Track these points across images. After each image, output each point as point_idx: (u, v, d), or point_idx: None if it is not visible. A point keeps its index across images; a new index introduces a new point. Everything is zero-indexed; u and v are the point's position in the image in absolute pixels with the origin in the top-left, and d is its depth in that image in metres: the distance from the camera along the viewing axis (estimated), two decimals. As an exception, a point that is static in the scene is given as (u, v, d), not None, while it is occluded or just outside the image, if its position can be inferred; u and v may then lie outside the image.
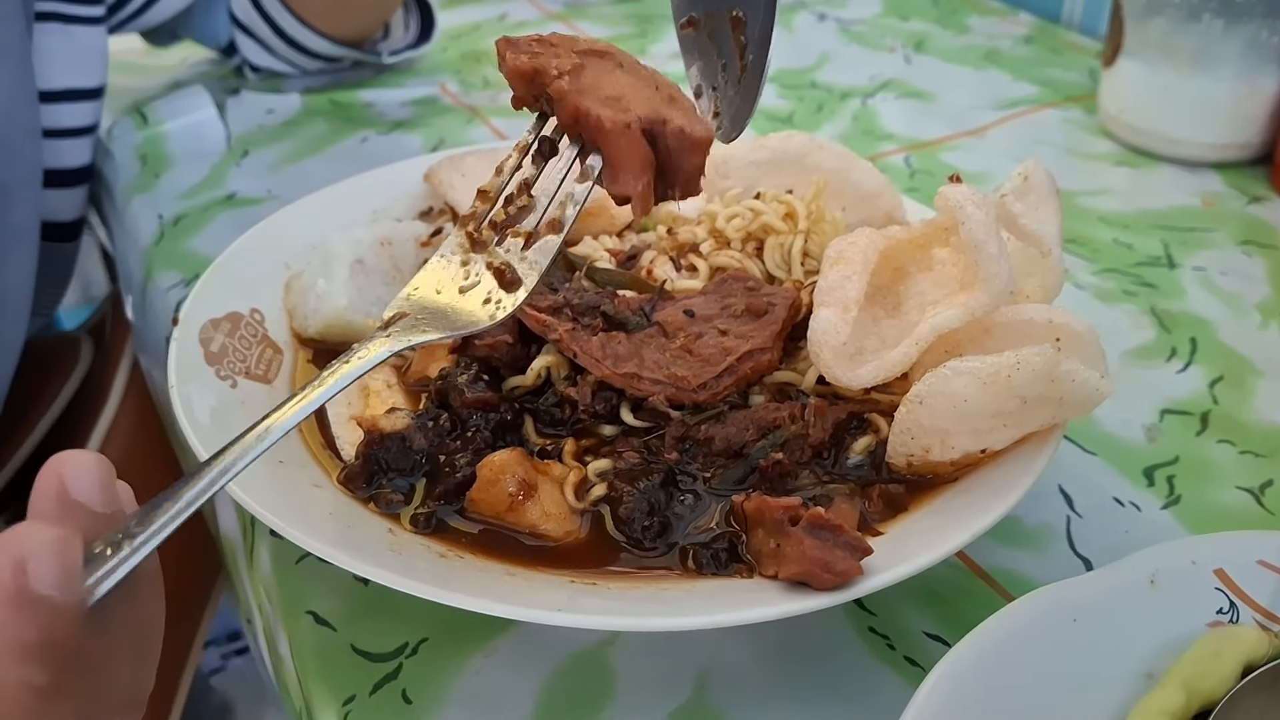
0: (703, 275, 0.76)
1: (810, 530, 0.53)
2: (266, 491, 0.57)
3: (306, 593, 0.63)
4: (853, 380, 0.62)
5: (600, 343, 0.66)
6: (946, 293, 0.65)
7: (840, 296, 0.64)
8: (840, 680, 0.58)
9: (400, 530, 0.59)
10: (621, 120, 0.56)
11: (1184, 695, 0.48)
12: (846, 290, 0.64)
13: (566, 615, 0.50)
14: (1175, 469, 0.72)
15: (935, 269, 0.67)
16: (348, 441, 0.65)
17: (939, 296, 0.65)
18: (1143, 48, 1.07)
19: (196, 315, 0.70)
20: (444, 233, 0.79)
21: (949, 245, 0.67)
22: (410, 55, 1.28)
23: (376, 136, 1.15)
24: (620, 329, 0.68)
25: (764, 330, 0.68)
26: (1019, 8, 1.49)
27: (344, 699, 0.57)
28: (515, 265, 0.57)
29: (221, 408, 0.65)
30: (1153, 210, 1.02)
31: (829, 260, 0.66)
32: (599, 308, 0.69)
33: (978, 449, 0.60)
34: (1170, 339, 0.85)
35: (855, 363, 0.63)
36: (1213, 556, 0.54)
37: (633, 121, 0.57)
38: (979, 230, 0.61)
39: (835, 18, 1.47)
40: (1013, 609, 0.51)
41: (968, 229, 0.61)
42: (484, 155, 0.88)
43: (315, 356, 0.73)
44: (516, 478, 0.60)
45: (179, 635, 1.11)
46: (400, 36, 1.29)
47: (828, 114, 1.21)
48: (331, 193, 0.85)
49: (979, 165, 1.09)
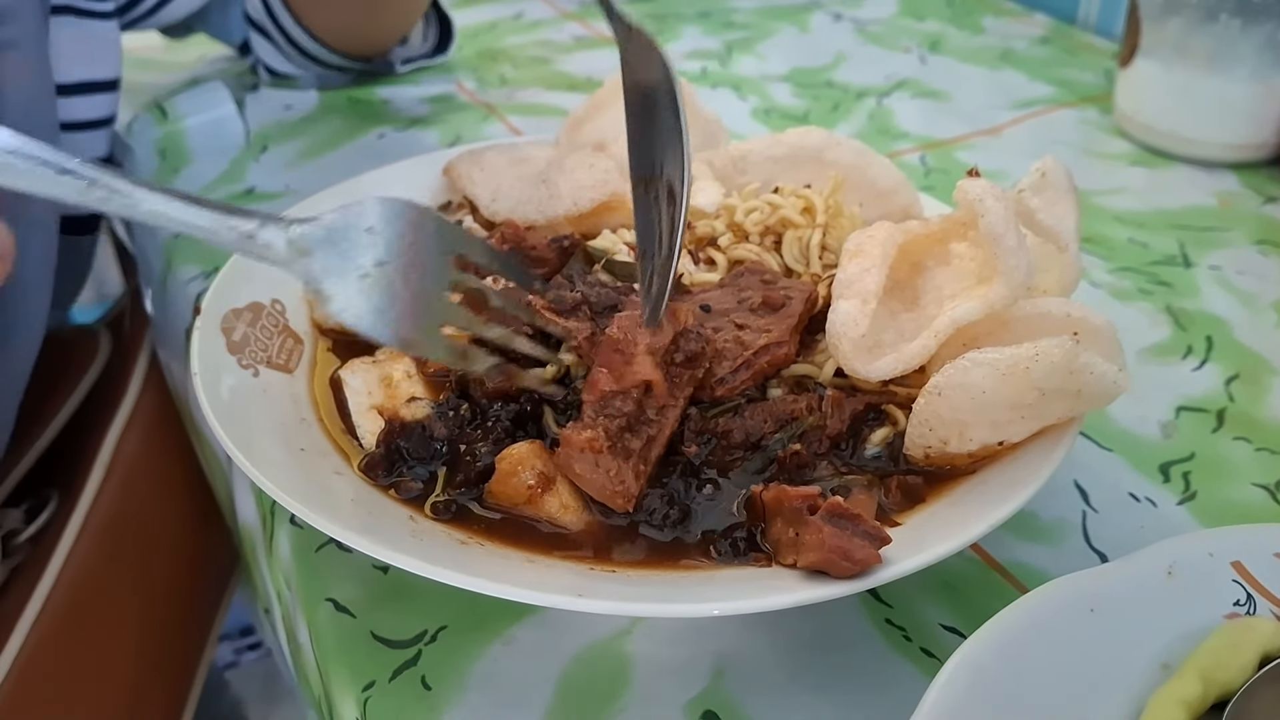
0: (721, 269, 0.76)
1: (829, 519, 0.53)
2: (289, 478, 0.58)
3: (326, 580, 0.64)
4: (871, 372, 0.62)
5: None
6: (964, 286, 0.65)
7: (859, 289, 0.64)
8: (857, 670, 0.59)
9: (421, 518, 0.60)
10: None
11: (1201, 685, 0.48)
12: (865, 283, 0.64)
13: (587, 601, 0.51)
14: (1191, 465, 0.73)
15: (953, 263, 0.67)
16: (368, 430, 0.66)
17: (956, 290, 0.66)
18: (1159, 47, 1.08)
19: (219, 305, 0.70)
20: (463, 225, 0.79)
21: (966, 240, 0.67)
22: (425, 64, 1.29)
23: (393, 133, 1.15)
24: None
25: (781, 324, 0.68)
26: (1034, 9, 1.49)
27: (363, 685, 0.58)
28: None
29: (244, 395, 0.65)
30: (1168, 210, 1.02)
31: (848, 253, 0.66)
32: (616, 306, 0.69)
33: (995, 441, 0.60)
34: (1186, 337, 0.85)
35: (873, 355, 0.63)
36: (1230, 549, 0.54)
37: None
38: (998, 223, 0.62)
39: (851, 18, 1.48)
40: (1030, 599, 0.51)
41: (987, 222, 0.62)
42: (502, 150, 0.88)
43: (335, 346, 0.74)
44: (535, 470, 0.61)
45: (195, 629, 1.12)
46: (418, 45, 1.30)
47: (843, 113, 1.21)
48: (350, 186, 0.85)
49: (995, 164, 1.09)
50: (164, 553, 1.07)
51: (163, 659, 1.05)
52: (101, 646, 0.97)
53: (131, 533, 1.02)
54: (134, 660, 1.00)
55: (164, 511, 1.07)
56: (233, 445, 0.58)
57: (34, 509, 1.00)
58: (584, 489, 0.60)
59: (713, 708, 0.57)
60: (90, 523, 0.98)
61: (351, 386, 0.68)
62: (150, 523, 1.05)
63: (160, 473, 1.06)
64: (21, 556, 0.96)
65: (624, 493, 0.58)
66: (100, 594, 0.97)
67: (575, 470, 0.59)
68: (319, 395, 0.69)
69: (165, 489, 1.07)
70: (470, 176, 0.85)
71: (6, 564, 0.95)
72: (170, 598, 1.07)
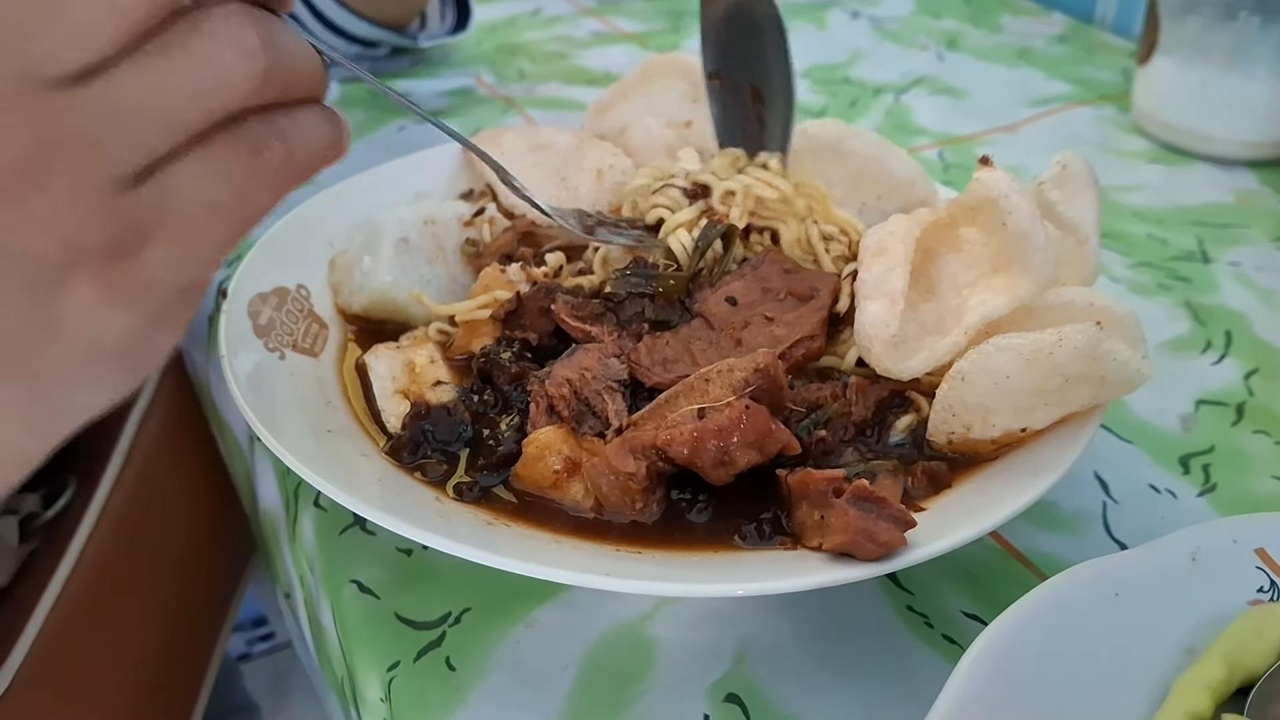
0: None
1: (854, 502, 0.53)
2: (317, 459, 0.58)
3: (350, 562, 0.64)
4: (904, 371, 0.62)
5: (647, 347, 0.66)
6: (980, 274, 0.65)
7: (886, 289, 0.64)
8: (879, 656, 0.59)
9: (445, 499, 0.60)
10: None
11: (1225, 669, 0.49)
12: (891, 282, 0.64)
13: (615, 580, 0.51)
14: (1211, 458, 0.73)
15: (964, 249, 0.67)
16: (393, 414, 0.66)
17: (972, 278, 0.66)
18: (1178, 45, 1.08)
19: (245, 289, 0.71)
20: (486, 213, 0.80)
21: (975, 225, 0.67)
22: (447, 41, 1.29)
23: (413, 125, 1.16)
24: (664, 328, 0.68)
25: (811, 316, 0.68)
26: (1052, 7, 1.49)
27: (388, 665, 0.58)
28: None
29: (270, 378, 0.66)
30: (1187, 206, 1.02)
31: (869, 252, 0.66)
32: (642, 312, 0.69)
33: (1018, 427, 0.60)
34: (1205, 332, 0.85)
35: (902, 353, 0.63)
36: (1254, 536, 0.54)
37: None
38: (1025, 220, 0.62)
39: (869, 15, 1.48)
40: (1054, 583, 0.51)
41: (1015, 219, 0.62)
42: (522, 133, 0.88)
43: (359, 335, 0.74)
44: (561, 455, 0.61)
45: (210, 618, 1.12)
46: (437, 26, 1.30)
47: (861, 109, 1.21)
48: (373, 175, 0.86)
49: (1013, 160, 1.09)
50: (181, 540, 1.08)
51: (178, 647, 1.05)
52: (118, 633, 0.98)
53: (149, 520, 1.02)
54: (149, 648, 1.01)
55: (181, 499, 1.08)
56: (261, 426, 0.59)
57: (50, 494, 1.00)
58: (599, 498, 0.60)
59: (735, 690, 0.57)
60: (109, 510, 0.98)
61: (376, 371, 0.69)
62: (168, 510, 1.05)
63: (179, 461, 1.07)
64: (39, 541, 0.96)
65: (640, 513, 0.59)
66: (118, 580, 0.97)
67: (600, 488, 0.59)
68: (345, 379, 0.70)
69: (183, 477, 1.08)
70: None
71: (24, 548, 0.95)
72: (186, 586, 1.07)
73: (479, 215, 0.80)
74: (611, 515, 0.60)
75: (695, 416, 0.58)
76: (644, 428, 0.60)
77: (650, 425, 0.60)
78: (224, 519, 1.09)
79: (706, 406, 0.58)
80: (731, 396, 0.58)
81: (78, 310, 0.40)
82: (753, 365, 0.60)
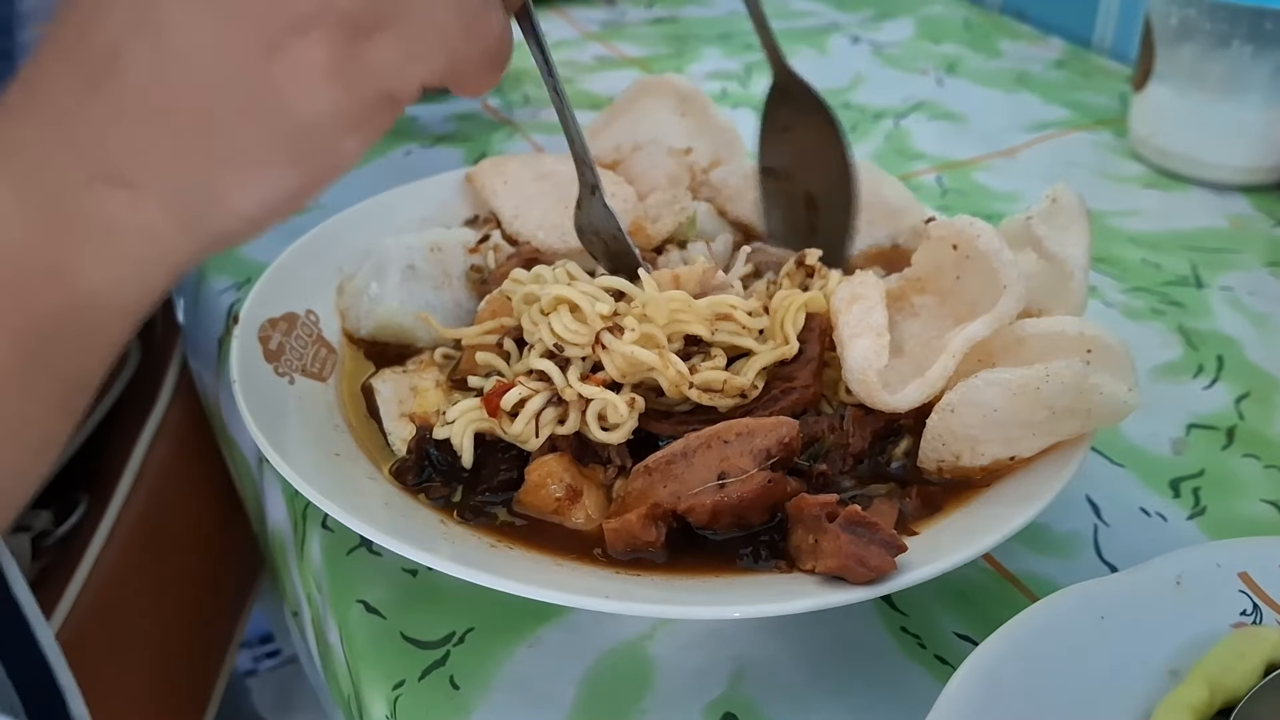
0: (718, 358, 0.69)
1: (847, 527, 0.55)
2: (325, 482, 0.59)
3: (357, 582, 0.66)
4: (898, 403, 0.63)
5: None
6: (945, 327, 0.67)
7: (870, 324, 0.66)
8: (872, 676, 0.60)
9: (450, 522, 0.62)
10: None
11: (1208, 691, 0.50)
12: (874, 318, 0.67)
13: (615, 603, 0.52)
14: (1201, 481, 0.74)
15: (921, 314, 0.70)
16: (399, 437, 0.68)
17: (940, 331, 0.67)
18: (1173, 72, 1.09)
19: (256, 314, 0.72)
20: (490, 240, 0.82)
21: (926, 293, 0.71)
22: None
23: (420, 150, 1.18)
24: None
25: (802, 369, 0.68)
26: (1050, 32, 1.51)
27: (394, 684, 0.60)
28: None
29: (280, 402, 0.67)
30: (1181, 231, 1.04)
31: (844, 302, 0.68)
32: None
33: (1007, 456, 0.62)
34: (1197, 356, 0.86)
35: (892, 389, 0.64)
36: (1238, 560, 0.56)
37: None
38: (992, 239, 0.65)
39: (869, 40, 1.50)
40: (1042, 606, 0.53)
41: (984, 240, 0.65)
42: (526, 161, 0.90)
43: (365, 357, 0.76)
44: (563, 483, 0.63)
45: (218, 635, 1.13)
46: None
47: (861, 134, 1.23)
48: (380, 201, 0.87)
49: (1010, 185, 1.11)
50: (190, 559, 1.09)
51: (186, 664, 1.07)
52: (127, 648, 0.99)
53: (159, 538, 1.03)
54: (158, 664, 1.02)
55: (191, 518, 1.09)
56: (271, 449, 0.60)
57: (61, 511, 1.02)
58: (611, 552, 0.61)
59: (732, 709, 0.58)
60: (120, 527, 1.00)
61: (382, 395, 0.70)
62: (178, 529, 1.07)
63: (189, 480, 1.08)
64: (50, 558, 0.98)
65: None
66: (128, 597, 0.99)
67: (617, 548, 0.60)
68: (351, 403, 0.71)
69: (193, 496, 1.09)
70: (493, 189, 0.86)
71: (36, 565, 0.97)
72: (195, 603, 1.09)
73: (484, 242, 0.81)
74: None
75: (717, 489, 0.59)
76: (657, 486, 0.61)
77: (663, 485, 0.61)
78: (232, 538, 1.11)
79: (728, 480, 0.59)
80: (752, 466, 0.59)
81: (298, 74, 0.41)
82: (776, 438, 0.60)
